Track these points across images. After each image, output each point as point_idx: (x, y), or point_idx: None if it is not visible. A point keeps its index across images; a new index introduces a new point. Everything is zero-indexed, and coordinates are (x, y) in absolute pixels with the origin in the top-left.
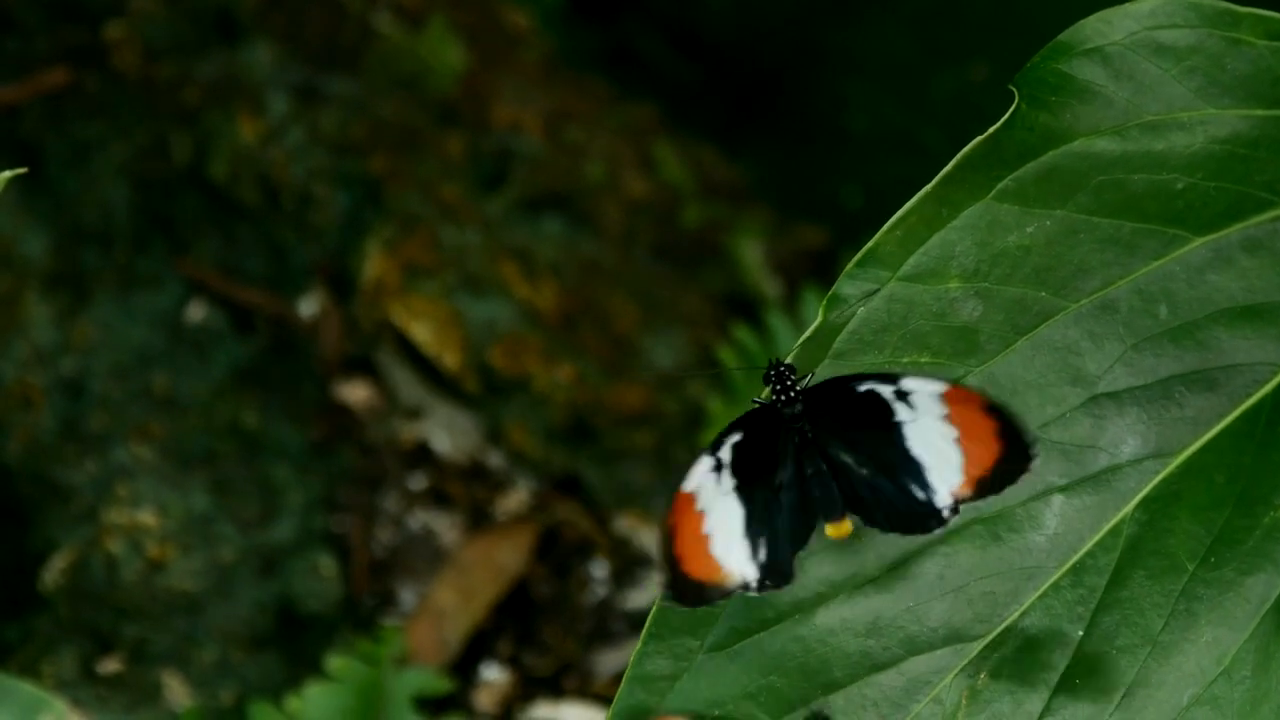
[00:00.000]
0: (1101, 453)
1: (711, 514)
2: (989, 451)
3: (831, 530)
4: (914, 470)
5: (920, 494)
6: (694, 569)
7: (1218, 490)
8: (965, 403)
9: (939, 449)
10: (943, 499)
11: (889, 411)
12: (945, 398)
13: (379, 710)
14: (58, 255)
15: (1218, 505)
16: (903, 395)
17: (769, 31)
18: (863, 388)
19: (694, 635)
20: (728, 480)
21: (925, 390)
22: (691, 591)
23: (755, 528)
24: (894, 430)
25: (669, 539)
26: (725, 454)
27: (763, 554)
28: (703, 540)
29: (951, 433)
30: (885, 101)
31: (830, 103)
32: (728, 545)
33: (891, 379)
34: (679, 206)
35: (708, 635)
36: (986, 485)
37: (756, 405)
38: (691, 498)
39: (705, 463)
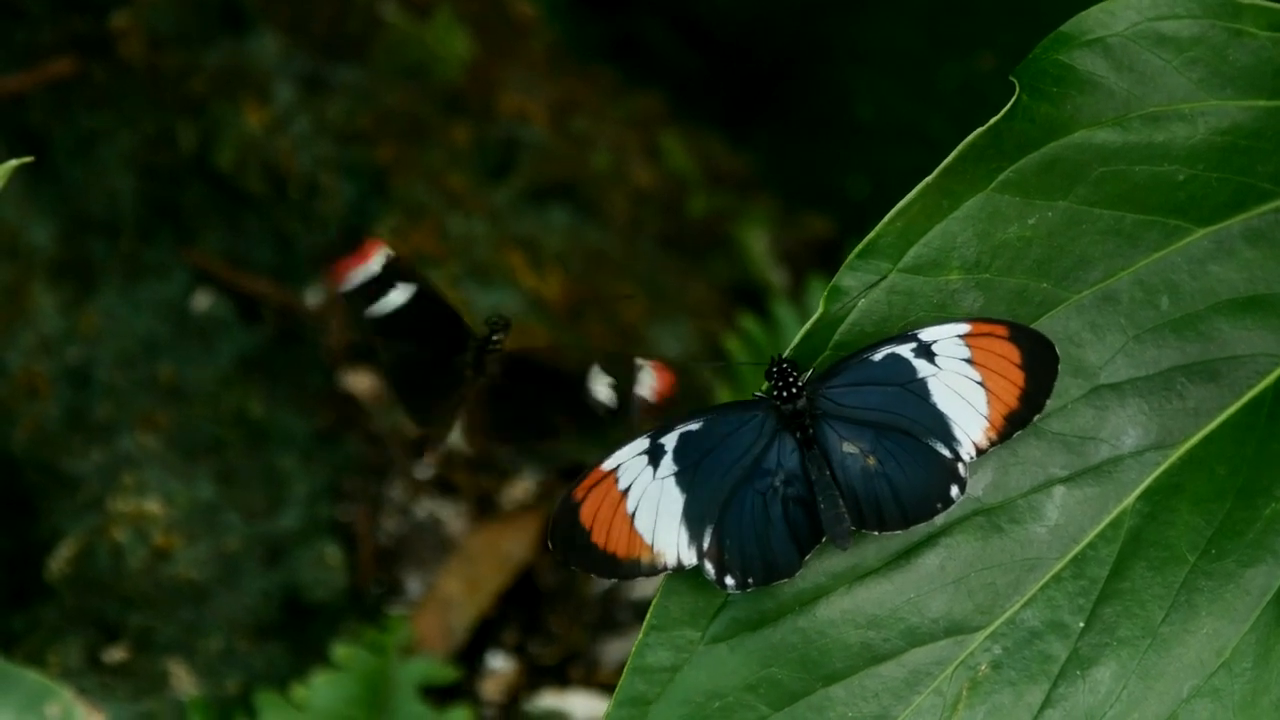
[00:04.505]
0: (1103, 444)
1: (638, 494)
2: (1014, 385)
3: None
4: (939, 426)
5: (945, 451)
6: (608, 542)
7: (1219, 482)
8: (989, 336)
9: (964, 396)
10: (967, 449)
11: (910, 370)
12: (968, 338)
13: (385, 699)
14: (64, 244)
15: (1219, 497)
16: (924, 349)
17: (775, 21)
18: (879, 354)
19: (694, 627)
20: (668, 466)
21: (947, 336)
22: (601, 563)
23: (702, 517)
24: (916, 389)
25: (574, 509)
26: (670, 441)
27: (712, 546)
28: (624, 517)
29: (975, 375)
30: (892, 92)
31: (837, 93)
32: (661, 527)
33: (910, 335)
34: (685, 196)
35: (708, 627)
36: (1016, 419)
37: (754, 397)
38: (613, 476)
39: (637, 445)
